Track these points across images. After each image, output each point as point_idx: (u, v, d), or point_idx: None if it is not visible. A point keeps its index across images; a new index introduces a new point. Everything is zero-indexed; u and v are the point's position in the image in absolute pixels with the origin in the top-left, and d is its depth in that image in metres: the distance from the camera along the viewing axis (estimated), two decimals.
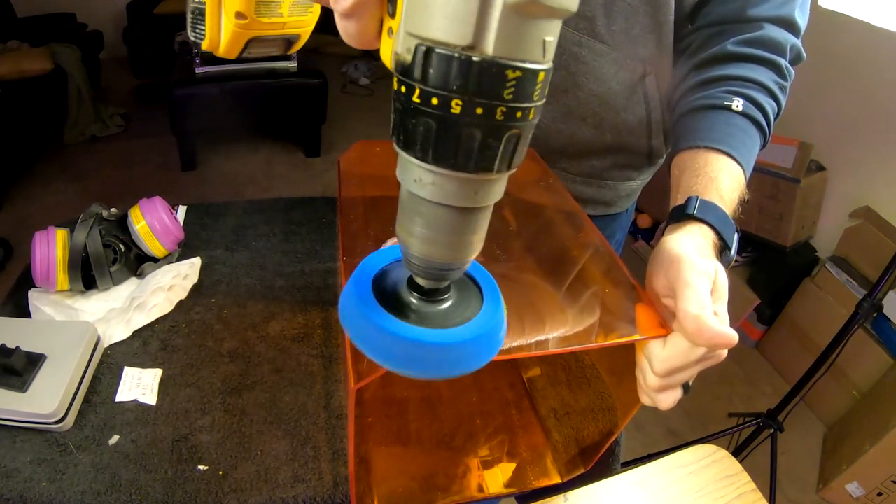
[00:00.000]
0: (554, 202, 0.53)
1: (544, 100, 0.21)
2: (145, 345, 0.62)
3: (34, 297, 0.64)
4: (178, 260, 0.72)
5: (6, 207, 2.24)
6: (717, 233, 0.43)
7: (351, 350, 0.33)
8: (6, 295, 0.67)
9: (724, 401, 1.75)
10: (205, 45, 0.35)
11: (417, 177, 0.22)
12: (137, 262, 0.69)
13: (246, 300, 0.69)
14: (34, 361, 0.54)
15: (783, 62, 0.56)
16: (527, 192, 0.54)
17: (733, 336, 0.34)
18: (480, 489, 0.51)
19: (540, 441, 0.56)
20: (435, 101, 0.20)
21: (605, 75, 0.64)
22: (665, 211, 0.47)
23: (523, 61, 0.19)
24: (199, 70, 2.37)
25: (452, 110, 0.20)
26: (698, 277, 0.36)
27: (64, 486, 0.48)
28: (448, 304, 0.28)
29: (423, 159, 0.21)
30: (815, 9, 1.32)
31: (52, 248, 0.61)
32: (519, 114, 0.20)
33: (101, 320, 0.63)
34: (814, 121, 1.84)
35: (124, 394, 0.56)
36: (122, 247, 0.67)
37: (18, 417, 0.51)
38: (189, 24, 0.36)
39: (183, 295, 0.68)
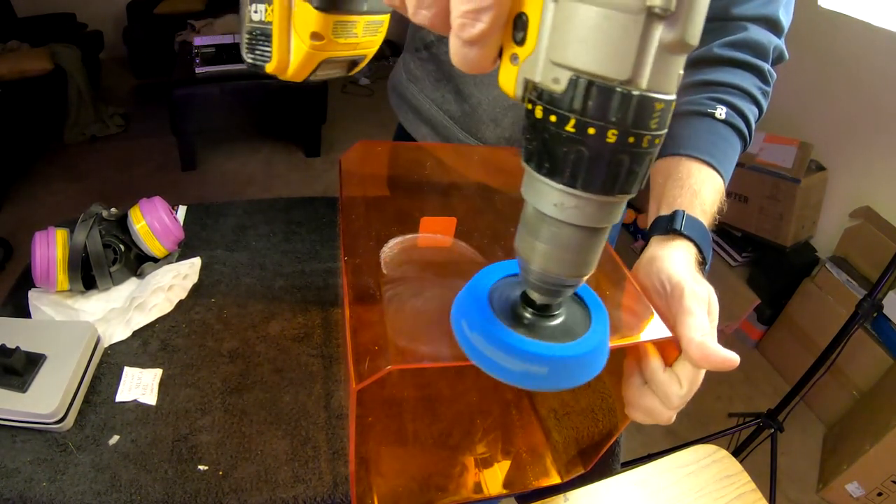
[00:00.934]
0: None
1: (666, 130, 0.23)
2: (145, 345, 0.62)
3: (34, 297, 0.64)
4: (178, 260, 0.72)
5: (6, 207, 2.24)
6: (699, 250, 0.45)
7: (352, 350, 0.33)
8: (6, 295, 0.67)
9: (724, 401, 1.75)
10: (270, 68, 0.34)
11: (558, 201, 0.23)
12: (137, 262, 0.69)
13: (246, 300, 0.69)
14: (34, 361, 0.54)
15: (766, 66, 0.57)
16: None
17: (735, 359, 0.36)
18: (480, 489, 0.51)
19: (540, 441, 0.56)
20: (592, 130, 0.21)
21: None
22: None
23: (666, 94, 0.21)
24: (199, 70, 2.37)
25: (608, 140, 0.21)
26: (698, 304, 0.38)
27: (64, 486, 0.48)
28: (560, 319, 0.29)
29: (570, 185, 0.22)
30: (815, 9, 1.32)
31: (52, 248, 0.61)
32: (657, 140, 0.22)
33: (101, 320, 0.63)
34: (814, 121, 1.84)
35: (124, 394, 0.56)
36: (122, 247, 0.67)
37: (18, 417, 0.51)
38: (245, 46, 0.34)
39: (183, 295, 0.68)
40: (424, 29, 0.73)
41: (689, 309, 0.37)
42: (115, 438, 0.52)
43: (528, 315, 0.29)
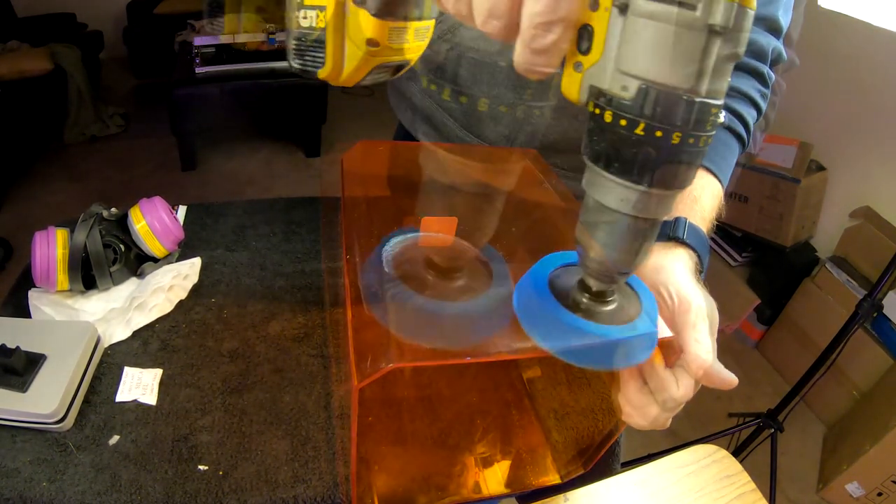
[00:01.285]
0: (554, 202, 0.54)
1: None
2: (145, 345, 0.62)
3: (34, 297, 0.64)
4: (178, 260, 0.72)
5: (6, 207, 2.24)
6: (699, 258, 0.45)
7: (354, 349, 0.33)
8: (6, 295, 0.67)
9: (724, 401, 1.75)
10: (322, 74, 0.34)
11: (625, 196, 0.26)
12: (137, 262, 0.69)
13: (246, 300, 0.69)
14: (34, 361, 0.54)
15: (765, 69, 0.56)
16: (528, 193, 0.54)
17: (734, 381, 0.36)
18: (480, 489, 0.51)
19: (539, 441, 0.56)
20: (659, 133, 0.24)
21: None
22: None
23: (720, 99, 0.24)
24: (199, 70, 2.37)
25: (673, 141, 0.24)
26: (702, 320, 0.38)
27: (64, 485, 0.48)
28: (614, 305, 0.32)
29: (638, 182, 0.25)
30: (815, 9, 1.32)
31: (52, 248, 0.61)
32: (710, 140, 0.25)
33: (101, 320, 0.63)
34: (814, 121, 1.84)
35: (124, 394, 0.56)
36: (122, 247, 0.67)
37: (18, 417, 0.51)
38: (294, 53, 0.35)
39: (183, 295, 0.68)
40: None
41: (694, 324, 0.38)
42: (115, 438, 0.52)
43: (584, 300, 0.32)
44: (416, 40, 0.35)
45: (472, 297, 0.40)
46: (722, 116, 0.53)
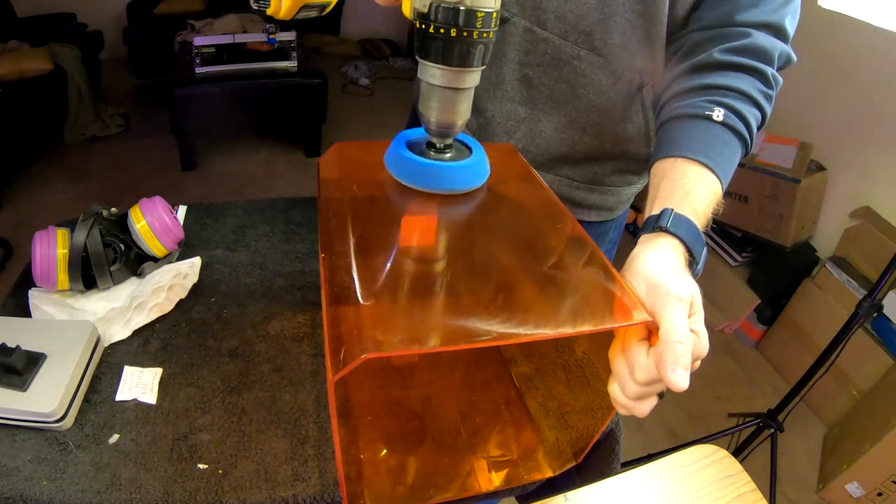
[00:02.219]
0: (532, 195, 0.54)
1: (497, 27, 0.41)
2: (145, 344, 0.62)
3: (34, 296, 0.64)
4: (178, 259, 0.72)
5: (6, 207, 2.24)
6: (688, 248, 0.44)
7: (329, 343, 0.34)
8: (6, 294, 0.67)
9: (724, 401, 1.75)
10: (270, 11, 0.48)
11: (432, 73, 0.43)
12: (137, 262, 0.69)
13: (246, 300, 0.69)
14: (34, 360, 0.54)
15: (770, 70, 0.56)
16: (507, 187, 0.54)
17: (681, 387, 0.36)
18: (472, 486, 0.51)
19: (531, 437, 0.56)
20: (442, 30, 0.40)
21: (604, 87, 0.65)
22: None
23: (487, 6, 0.39)
24: (199, 70, 2.37)
25: (451, 34, 0.40)
26: (675, 305, 0.38)
27: (64, 484, 0.48)
28: (451, 153, 0.49)
29: (436, 62, 0.42)
30: (815, 9, 1.32)
31: (53, 248, 0.62)
32: (485, 34, 0.41)
33: (101, 320, 0.63)
34: (814, 121, 1.84)
35: (124, 393, 0.56)
36: (122, 246, 0.67)
37: (18, 416, 0.51)
38: None
39: (183, 294, 0.69)
40: None
41: (666, 311, 0.38)
42: (115, 437, 0.52)
43: (431, 153, 0.49)
44: None
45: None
46: (719, 113, 0.53)
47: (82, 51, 2.64)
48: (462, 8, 0.38)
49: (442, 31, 0.39)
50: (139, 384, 0.57)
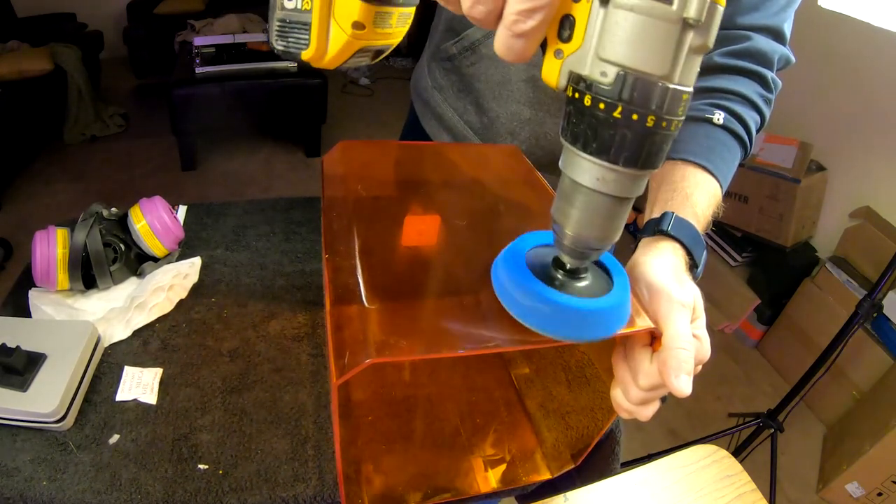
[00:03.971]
0: (537, 198, 0.54)
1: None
2: (145, 344, 0.62)
3: (34, 296, 0.64)
4: (178, 259, 0.72)
5: (6, 207, 2.24)
6: (689, 252, 0.45)
7: (333, 346, 0.34)
8: (6, 294, 0.67)
9: (724, 401, 1.75)
10: (306, 56, 0.35)
11: (600, 175, 0.28)
12: (138, 262, 0.69)
13: (246, 300, 0.69)
14: (34, 361, 0.54)
15: (769, 74, 0.56)
16: (511, 190, 0.54)
17: (683, 392, 0.36)
18: (471, 487, 0.51)
19: (530, 438, 0.56)
20: (635, 116, 0.25)
21: None
22: None
23: (690, 87, 0.26)
24: (199, 70, 2.37)
25: (647, 124, 0.26)
26: (678, 311, 0.38)
27: (64, 485, 0.48)
28: (588, 281, 0.35)
29: (614, 162, 0.27)
30: (815, 9, 1.32)
31: (53, 248, 0.61)
32: (680, 124, 0.27)
33: (101, 320, 0.63)
34: (814, 121, 1.84)
35: (124, 393, 0.56)
36: (122, 246, 0.67)
37: (19, 416, 0.51)
38: (276, 34, 0.35)
39: (183, 294, 0.68)
40: (449, 41, 0.73)
41: (668, 316, 0.38)
42: (115, 437, 0.52)
43: (559, 276, 0.34)
44: (398, 26, 0.35)
45: None
46: (720, 116, 0.51)
47: (82, 51, 2.64)
48: (669, 86, 0.25)
49: (635, 117, 0.25)
50: (139, 384, 0.57)
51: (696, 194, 0.49)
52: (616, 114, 0.26)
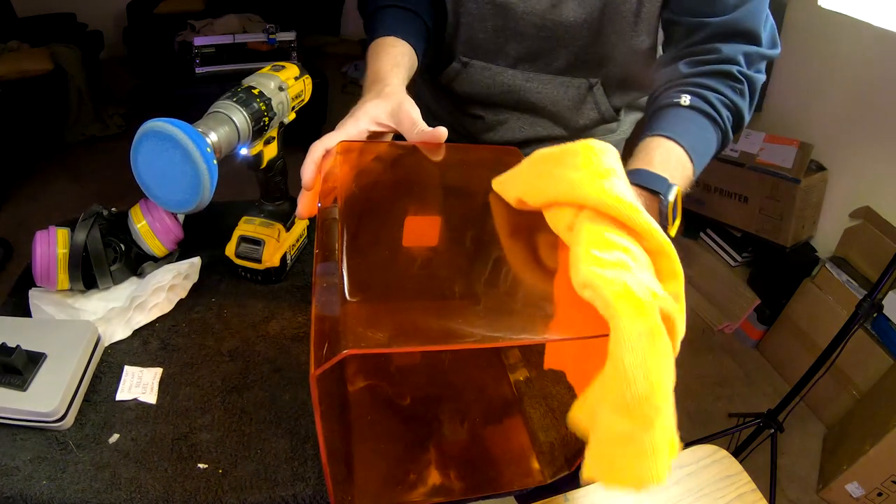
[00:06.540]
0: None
1: None
2: (145, 344, 0.62)
3: (34, 296, 0.64)
4: (178, 259, 0.72)
5: (6, 207, 2.24)
6: (647, 189, 0.50)
7: (314, 339, 0.34)
8: (6, 294, 0.67)
9: (724, 401, 1.75)
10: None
11: None
12: (138, 262, 0.69)
13: (246, 300, 0.69)
14: (34, 360, 0.54)
15: (734, 68, 0.59)
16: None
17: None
18: (462, 489, 0.51)
19: (524, 442, 0.55)
20: None
21: (556, 97, 0.75)
22: None
23: None
24: (199, 70, 2.37)
25: None
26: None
27: (64, 484, 0.48)
28: None
29: None
30: (815, 9, 1.32)
31: (53, 247, 0.62)
32: None
33: (101, 319, 0.63)
34: (814, 121, 1.84)
35: (124, 392, 0.56)
36: (122, 246, 0.67)
37: (19, 416, 0.51)
38: None
39: (183, 294, 0.69)
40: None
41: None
42: (115, 437, 0.52)
43: None
44: None
45: None
46: (686, 98, 0.58)
47: (82, 51, 2.64)
48: None
49: None
50: (139, 384, 0.57)
51: (655, 154, 0.54)
52: None
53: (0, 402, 0.51)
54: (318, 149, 0.51)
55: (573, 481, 0.53)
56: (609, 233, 0.37)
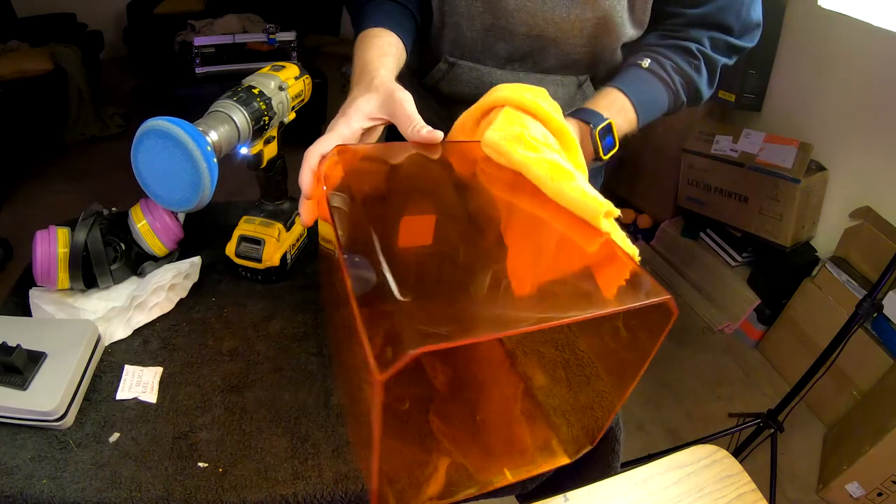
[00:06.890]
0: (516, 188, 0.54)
1: None
2: (146, 343, 0.62)
3: (35, 295, 0.64)
4: (178, 259, 0.72)
5: (6, 207, 2.24)
6: (581, 119, 0.61)
7: (368, 341, 0.33)
8: (7, 294, 0.67)
9: (724, 401, 1.75)
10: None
11: None
12: (138, 261, 0.69)
13: (246, 299, 0.69)
14: (35, 359, 0.54)
15: (693, 45, 0.68)
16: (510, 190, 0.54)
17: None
18: (493, 480, 0.51)
19: (543, 426, 0.55)
20: None
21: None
22: (664, 211, 0.48)
23: None
24: (199, 70, 2.38)
25: None
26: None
27: (64, 483, 0.48)
28: None
29: None
30: (815, 9, 1.32)
31: (53, 247, 0.62)
32: None
33: (101, 319, 0.63)
34: (814, 121, 1.84)
35: (125, 392, 0.56)
36: (122, 245, 0.67)
37: (19, 415, 0.51)
38: None
39: (183, 294, 0.69)
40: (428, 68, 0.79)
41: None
42: (115, 436, 0.52)
43: None
44: None
45: None
46: (646, 61, 0.69)
47: (82, 51, 2.65)
48: None
49: None
50: (139, 383, 0.57)
51: (598, 98, 0.65)
52: None
53: (0, 401, 0.51)
54: (313, 155, 0.50)
55: (573, 481, 0.53)
56: (516, 116, 0.51)
